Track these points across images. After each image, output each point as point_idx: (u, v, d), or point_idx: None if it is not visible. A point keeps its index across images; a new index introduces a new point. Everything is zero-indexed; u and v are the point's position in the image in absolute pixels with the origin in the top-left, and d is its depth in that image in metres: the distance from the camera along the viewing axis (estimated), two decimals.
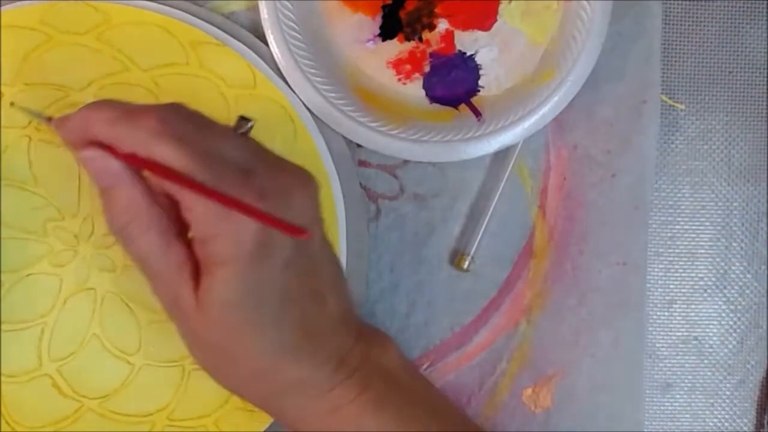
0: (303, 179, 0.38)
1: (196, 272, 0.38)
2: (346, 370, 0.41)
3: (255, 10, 0.47)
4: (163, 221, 0.38)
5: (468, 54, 0.50)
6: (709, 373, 0.52)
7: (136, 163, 0.37)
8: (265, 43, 0.47)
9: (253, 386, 0.40)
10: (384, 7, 0.49)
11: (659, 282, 0.52)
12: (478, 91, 0.50)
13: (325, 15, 0.49)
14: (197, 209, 0.36)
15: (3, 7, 0.46)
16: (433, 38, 0.49)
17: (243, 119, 0.40)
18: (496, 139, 0.48)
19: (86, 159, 0.37)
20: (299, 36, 0.47)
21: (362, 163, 0.50)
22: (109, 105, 0.37)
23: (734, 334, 0.53)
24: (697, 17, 0.52)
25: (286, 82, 0.47)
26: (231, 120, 0.40)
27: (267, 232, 0.36)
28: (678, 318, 0.52)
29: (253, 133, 0.39)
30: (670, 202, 0.52)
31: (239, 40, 0.47)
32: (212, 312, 0.37)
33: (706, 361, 0.52)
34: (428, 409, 0.43)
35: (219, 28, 0.47)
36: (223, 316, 0.37)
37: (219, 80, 0.47)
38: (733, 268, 0.53)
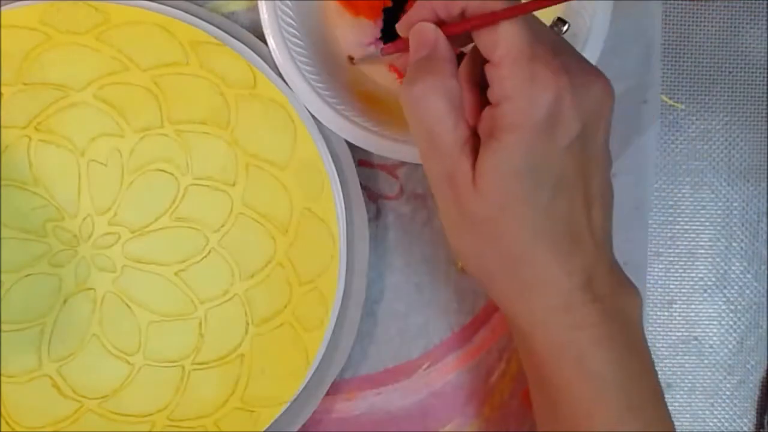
0: (604, 81, 0.39)
1: (476, 151, 0.38)
2: (593, 292, 0.39)
3: (255, 10, 0.47)
4: (460, 98, 0.38)
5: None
6: (709, 373, 0.52)
7: (462, 27, 0.38)
8: (266, 43, 0.47)
9: (501, 274, 0.39)
10: (385, 10, 0.49)
11: (659, 282, 0.52)
12: None
13: (326, 19, 0.49)
14: (504, 66, 0.36)
15: (3, 7, 0.46)
16: None
17: (560, 20, 0.43)
18: None
19: (417, 30, 0.39)
20: (300, 41, 0.47)
21: (362, 163, 0.50)
22: None
23: (734, 334, 0.53)
24: (697, 17, 0.52)
25: (287, 84, 0.47)
26: (233, 121, 0.40)
27: (560, 104, 0.36)
28: (678, 318, 0.52)
29: (252, 132, 0.39)
30: (670, 202, 0.52)
31: (239, 40, 0.47)
32: (490, 182, 0.37)
33: (706, 361, 0.52)
34: (646, 365, 0.42)
35: (219, 27, 0.47)
36: (500, 186, 0.37)
37: (219, 80, 0.47)
38: (733, 268, 0.53)
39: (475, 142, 0.38)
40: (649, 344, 0.51)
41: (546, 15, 0.45)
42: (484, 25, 0.37)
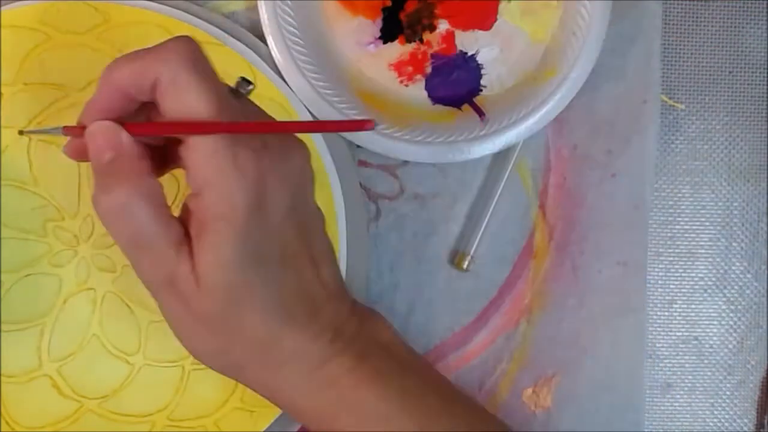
0: (298, 142, 0.38)
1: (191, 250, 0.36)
2: (343, 341, 0.39)
3: (255, 10, 0.47)
4: (162, 195, 0.36)
5: (469, 54, 0.50)
6: (709, 373, 0.53)
7: (150, 129, 0.37)
8: (266, 43, 0.47)
9: (251, 363, 0.39)
10: (384, 9, 0.49)
11: (659, 282, 0.52)
12: (481, 90, 0.50)
13: (326, 19, 0.49)
14: (201, 151, 0.34)
15: (3, 7, 0.46)
16: (434, 39, 0.49)
17: (244, 80, 0.39)
18: (500, 138, 0.48)
19: (96, 131, 0.36)
20: (300, 41, 0.47)
21: (362, 163, 0.50)
22: (124, 55, 0.36)
23: (734, 334, 0.53)
24: (697, 17, 0.52)
25: (287, 84, 0.47)
26: None
27: (266, 183, 0.35)
28: (678, 318, 0.52)
29: None
30: (670, 202, 0.52)
31: (239, 40, 0.47)
32: (210, 276, 0.35)
33: (706, 361, 0.52)
34: (426, 381, 0.42)
35: (219, 28, 0.47)
36: (221, 278, 0.35)
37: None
38: (733, 268, 0.53)
39: (188, 239, 0.36)
40: (649, 344, 0.51)
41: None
42: (180, 131, 0.35)
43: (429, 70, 0.49)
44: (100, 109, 0.36)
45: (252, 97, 0.39)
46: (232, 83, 0.38)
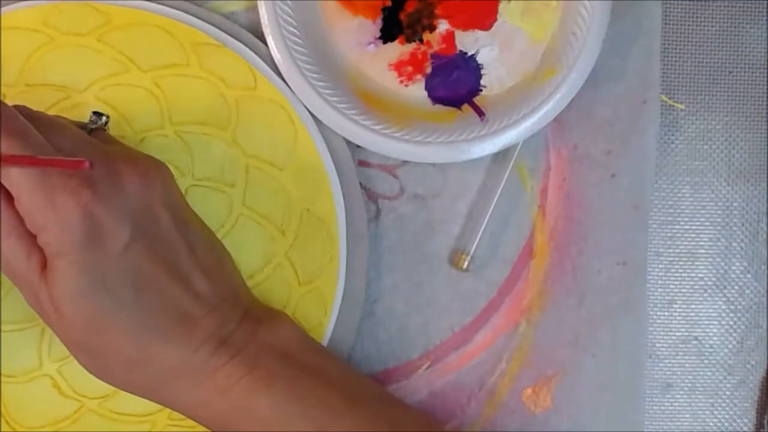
0: (143, 168, 0.39)
1: None
2: (229, 350, 0.40)
3: (255, 10, 0.47)
4: (23, 225, 0.37)
5: (469, 54, 0.50)
6: (709, 373, 0.52)
7: None
8: (265, 43, 0.47)
9: (132, 378, 0.40)
10: (384, 9, 0.49)
11: (659, 282, 0.52)
12: (481, 90, 0.50)
13: (326, 19, 0.49)
14: (23, 199, 0.36)
15: (4, 8, 0.46)
16: (434, 39, 0.49)
17: (96, 114, 0.42)
18: (500, 138, 0.48)
19: None
20: (300, 41, 0.47)
21: (362, 163, 0.50)
22: None
23: (734, 334, 0.53)
24: (697, 17, 0.52)
25: (287, 84, 0.47)
26: (233, 122, 0.40)
27: (94, 217, 0.37)
28: (678, 318, 0.52)
29: (252, 133, 0.39)
30: (670, 202, 0.52)
31: (239, 41, 0.47)
32: (64, 308, 0.38)
33: (706, 361, 0.52)
34: (329, 382, 0.42)
35: (219, 28, 0.47)
36: (75, 308, 0.37)
37: (219, 81, 0.47)
38: (733, 268, 0.53)
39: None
40: (649, 344, 0.51)
41: None
42: None
43: (429, 70, 0.49)
44: None
45: (252, 97, 0.39)
46: (231, 84, 0.38)
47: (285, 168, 0.47)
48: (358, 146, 0.49)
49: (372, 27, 0.49)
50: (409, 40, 0.49)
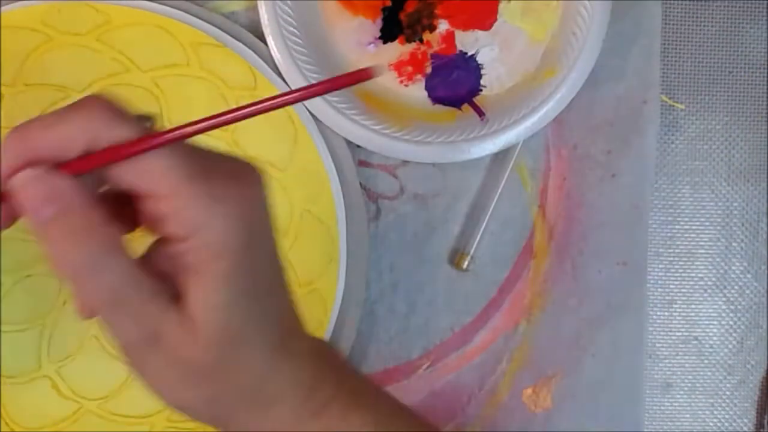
0: (250, 166, 0.35)
1: (172, 298, 0.33)
2: (325, 365, 0.37)
3: (255, 10, 0.47)
4: (122, 244, 0.32)
5: (469, 54, 0.50)
6: (709, 373, 0.53)
7: (97, 160, 0.31)
8: (265, 42, 0.47)
9: (239, 409, 0.36)
10: (384, 9, 0.49)
11: (659, 282, 0.52)
12: (481, 90, 0.50)
13: (326, 19, 0.49)
14: (180, 198, 0.31)
15: (4, 8, 0.46)
16: (434, 39, 0.49)
17: (142, 117, 0.35)
18: (500, 138, 0.48)
19: (24, 184, 0.30)
20: (300, 41, 0.47)
21: (362, 163, 0.50)
22: (32, 121, 0.31)
23: (734, 334, 0.53)
24: (697, 17, 0.52)
25: (287, 84, 0.47)
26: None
27: (256, 215, 0.33)
28: (678, 318, 0.53)
29: (253, 134, 0.39)
30: (670, 202, 0.52)
31: (240, 41, 0.47)
32: (211, 323, 0.32)
33: (706, 361, 0.53)
34: (388, 400, 0.40)
35: (219, 28, 0.47)
36: (223, 321, 0.33)
37: (219, 81, 0.47)
38: (733, 268, 0.53)
39: (166, 289, 0.32)
40: (649, 344, 0.51)
41: None
42: (124, 157, 0.30)
43: (429, 70, 0.49)
44: (27, 158, 0.31)
45: (252, 97, 0.39)
46: (231, 84, 0.38)
47: (285, 168, 0.47)
48: (358, 146, 0.49)
49: (372, 27, 0.49)
50: (409, 40, 0.49)
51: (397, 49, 0.49)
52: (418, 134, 0.48)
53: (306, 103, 0.47)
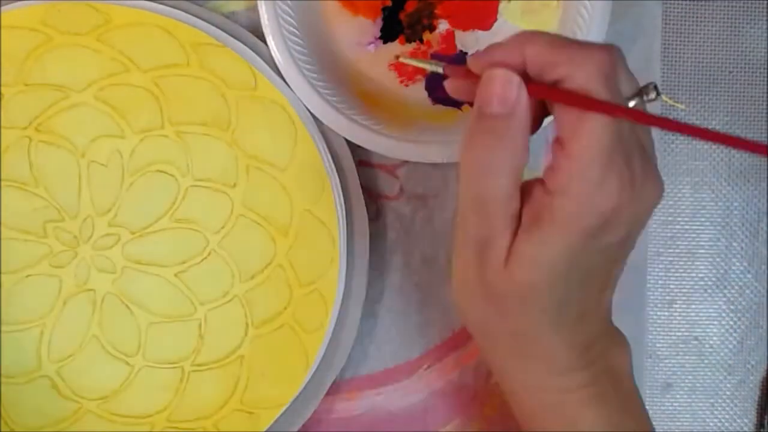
0: (660, 185, 0.37)
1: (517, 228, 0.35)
2: (588, 358, 0.38)
3: (255, 10, 0.47)
4: (522, 172, 0.35)
5: (469, 54, 0.49)
6: (709, 373, 0.52)
7: (550, 95, 0.34)
8: (266, 42, 0.47)
9: (506, 344, 0.38)
10: (384, 9, 0.49)
11: (659, 282, 0.52)
12: None
13: (326, 19, 0.49)
14: (575, 161, 0.33)
15: (3, 8, 0.46)
16: (434, 39, 0.49)
17: (652, 87, 0.37)
18: None
19: (497, 78, 0.34)
20: (300, 41, 0.47)
21: (362, 163, 0.50)
22: (545, 34, 0.35)
23: (734, 334, 0.53)
24: (697, 17, 0.52)
25: (287, 84, 0.47)
26: (233, 122, 0.40)
27: (617, 214, 0.34)
28: (678, 318, 0.52)
29: (253, 133, 0.39)
30: (670, 202, 0.52)
31: (240, 41, 0.47)
32: (523, 268, 0.35)
33: (706, 361, 0.52)
34: (639, 421, 0.41)
35: (219, 28, 0.47)
36: (533, 275, 0.35)
37: (219, 81, 0.47)
38: (733, 268, 0.53)
39: (519, 218, 0.36)
40: (649, 344, 0.51)
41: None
42: (577, 105, 0.33)
43: None
44: (495, 64, 0.35)
45: (253, 98, 0.39)
46: (231, 84, 0.38)
47: (285, 168, 0.47)
48: (358, 146, 0.49)
49: (372, 27, 0.49)
50: (409, 40, 0.49)
51: (397, 49, 0.49)
52: (418, 134, 0.48)
53: (306, 103, 0.47)
